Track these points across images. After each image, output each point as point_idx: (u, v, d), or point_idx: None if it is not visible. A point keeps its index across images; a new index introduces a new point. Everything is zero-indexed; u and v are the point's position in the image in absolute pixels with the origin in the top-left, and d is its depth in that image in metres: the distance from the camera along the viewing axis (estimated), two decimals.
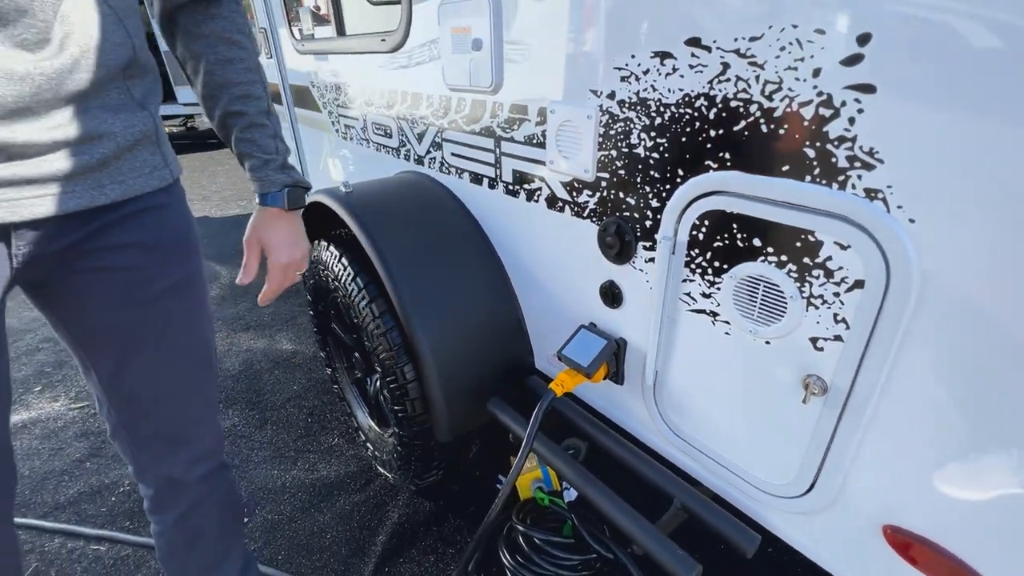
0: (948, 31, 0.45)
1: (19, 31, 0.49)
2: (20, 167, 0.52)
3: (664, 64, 0.67)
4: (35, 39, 0.51)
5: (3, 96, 0.49)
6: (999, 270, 0.47)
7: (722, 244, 0.68)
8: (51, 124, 0.54)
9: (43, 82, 0.52)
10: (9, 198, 0.52)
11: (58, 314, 0.69)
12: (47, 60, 0.52)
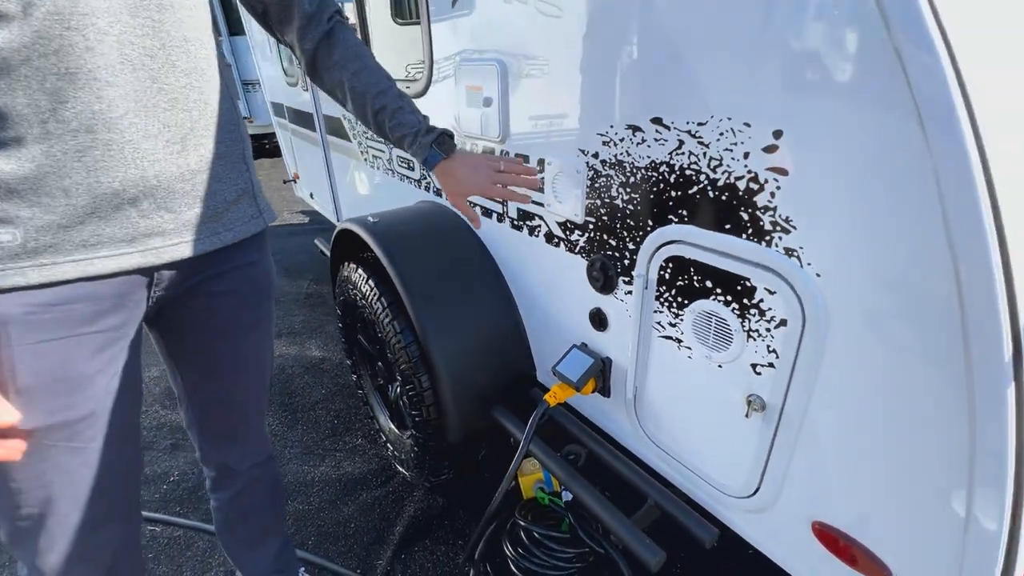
0: (840, 130, 0.59)
1: (167, 118, 0.66)
2: (164, 220, 0.68)
3: (635, 135, 0.82)
4: (186, 126, 0.68)
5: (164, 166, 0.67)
6: (883, 310, 0.60)
7: (683, 283, 0.82)
8: (188, 184, 0.70)
9: (187, 154, 0.69)
10: (155, 246, 0.68)
11: (164, 337, 0.85)
12: (190, 146, 0.69)
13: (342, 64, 0.84)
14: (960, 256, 0.52)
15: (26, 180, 0.59)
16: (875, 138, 0.56)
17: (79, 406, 0.69)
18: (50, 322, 0.64)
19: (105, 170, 0.62)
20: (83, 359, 0.68)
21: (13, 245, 0.60)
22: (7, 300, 0.61)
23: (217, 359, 0.87)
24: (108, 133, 0.61)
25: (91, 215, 0.63)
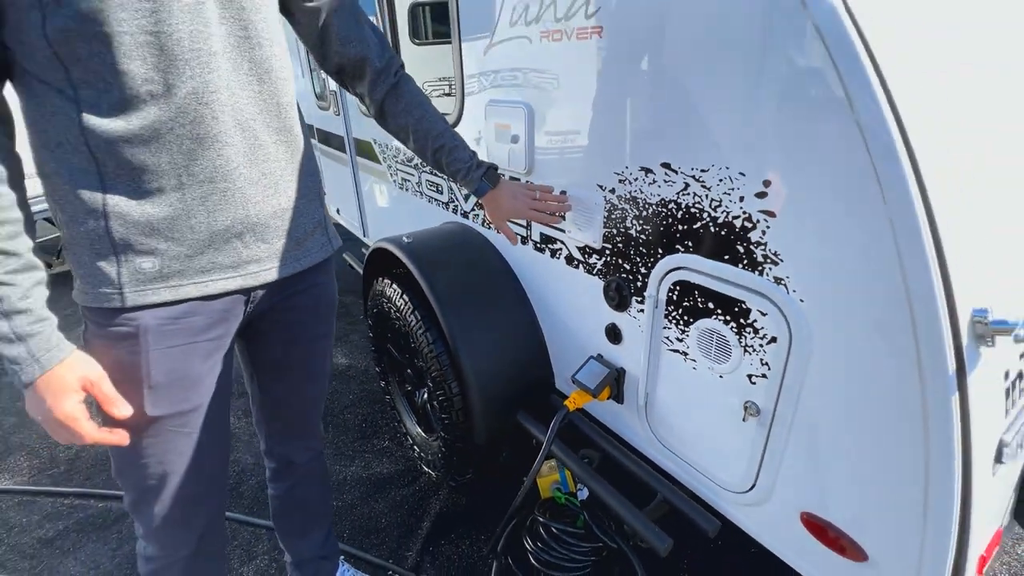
0: (816, 186, 0.72)
1: (265, 168, 0.80)
2: (260, 249, 0.83)
3: (647, 176, 0.96)
4: (277, 173, 0.82)
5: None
6: (855, 332, 0.72)
7: (689, 304, 0.95)
8: (279, 220, 0.84)
9: (279, 196, 0.83)
10: (253, 271, 0.83)
11: (248, 345, 0.99)
12: (281, 189, 0.83)
13: (407, 111, 0.99)
14: (914, 294, 0.64)
15: (164, 220, 0.73)
16: (844, 193, 0.68)
17: (192, 399, 0.83)
18: (176, 331, 0.79)
19: (221, 211, 0.77)
20: (197, 361, 0.82)
21: (153, 271, 0.75)
22: (146, 314, 0.76)
23: (291, 364, 1.01)
24: (224, 182, 0.76)
25: (208, 247, 0.78)
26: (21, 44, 0.64)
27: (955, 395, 0.65)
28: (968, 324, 0.65)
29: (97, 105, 0.67)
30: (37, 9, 0.62)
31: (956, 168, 0.69)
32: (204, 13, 0.69)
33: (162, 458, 0.84)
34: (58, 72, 0.66)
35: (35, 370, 0.67)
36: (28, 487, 1.85)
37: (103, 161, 0.70)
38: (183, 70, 0.69)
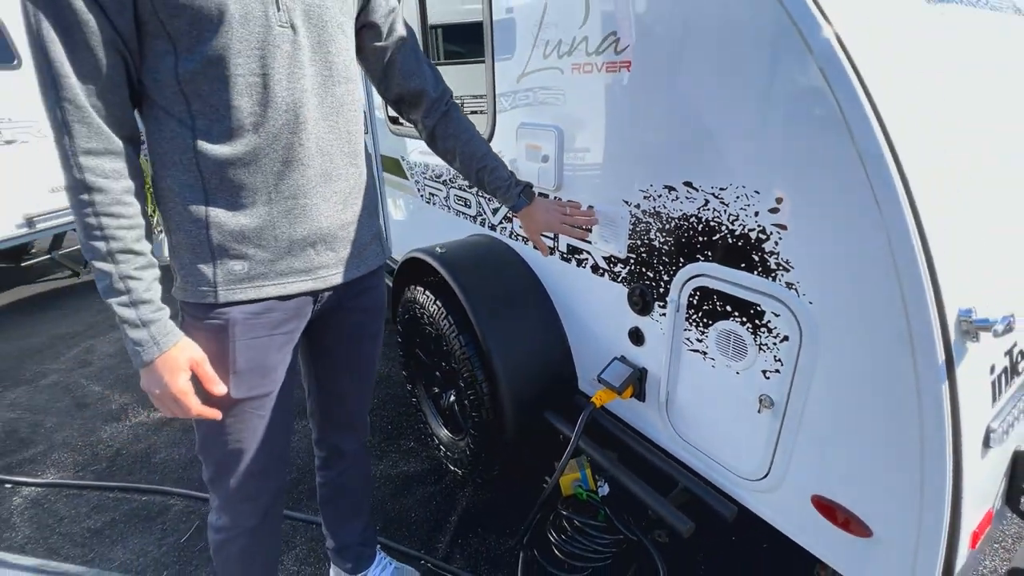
0: (822, 203, 0.83)
1: (336, 186, 0.92)
2: (328, 257, 0.95)
3: (670, 193, 1.07)
4: (346, 192, 0.95)
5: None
6: (858, 330, 0.83)
7: (708, 308, 1.06)
8: (345, 231, 0.96)
9: (346, 211, 0.96)
10: (323, 275, 0.94)
11: (310, 340, 1.09)
12: (348, 205, 0.96)
13: (455, 135, 1.12)
14: (908, 297, 0.75)
15: (254, 230, 0.85)
16: (846, 209, 0.80)
17: (267, 385, 0.95)
18: (257, 325, 0.90)
19: (300, 224, 0.89)
20: (273, 352, 0.94)
21: (242, 273, 0.86)
22: (234, 309, 0.87)
23: (346, 358, 1.12)
24: (304, 199, 0.88)
25: (287, 253, 0.89)
26: (154, 81, 0.77)
27: (944, 383, 0.75)
28: (955, 322, 0.75)
29: (209, 133, 0.79)
30: (172, 55, 0.75)
31: (943, 188, 0.80)
32: (299, 58, 0.82)
33: (239, 436, 0.95)
34: (181, 105, 0.78)
35: (154, 351, 0.78)
36: (75, 481, 1.95)
37: (208, 179, 0.82)
38: (280, 105, 0.81)
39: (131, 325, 0.77)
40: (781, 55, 0.84)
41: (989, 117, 1.03)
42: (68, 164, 0.71)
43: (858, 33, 0.80)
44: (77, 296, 3.91)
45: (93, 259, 0.75)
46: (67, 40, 0.68)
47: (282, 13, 0.79)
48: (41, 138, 3.79)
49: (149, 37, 0.74)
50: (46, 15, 0.67)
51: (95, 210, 0.73)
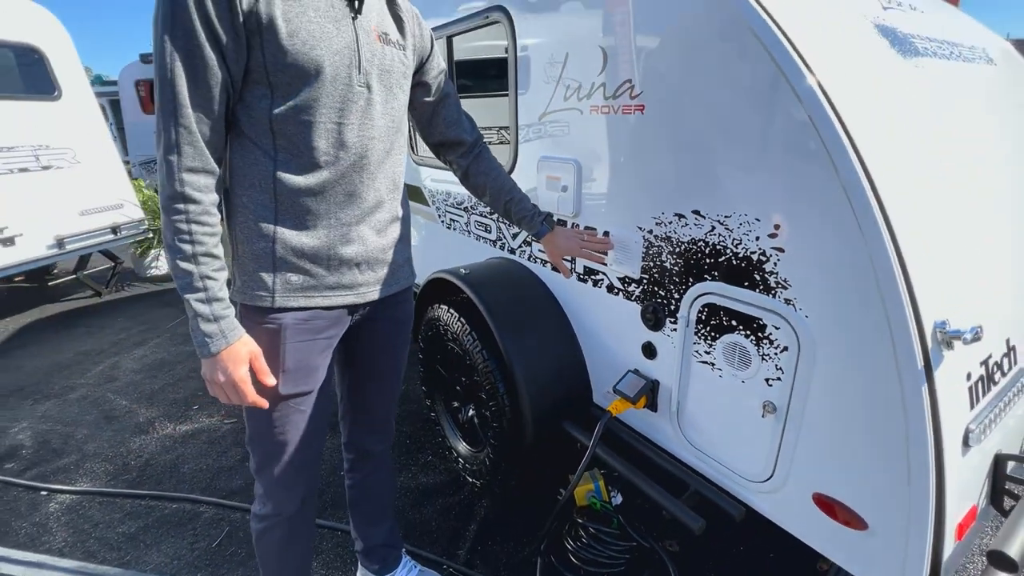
0: (812, 230, 0.96)
1: (381, 215, 1.06)
2: (368, 276, 1.07)
3: (680, 220, 1.20)
4: (387, 221, 1.08)
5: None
6: (849, 340, 0.94)
7: (715, 322, 1.18)
8: (384, 255, 1.09)
9: (386, 237, 1.09)
10: (363, 291, 1.07)
11: (345, 348, 1.20)
12: (387, 232, 1.09)
13: (486, 173, 1.27)
14: (890, 311, 0.87)
15: (312, 248, 0.98)
16: (834, 235, 0.92)
17: (309, 384, 1.06)
18: (304, 330, 1.02)
19: (350, 247, 1.02)
20: (315, 354, 1.06)
21: (297, 284, 0.99)
22: (287, 315, 1.00)
23: (378, 365, 1.24)
24: (357, 227, 1.02)
25: (336, 271, 1.02)
26: (248, 117, 0.91)
27: (924, 386, 0.86)
28: (931, 332, 0.87)
29: (288, 165, 0.93)
30: (268, 99, 0.89)
31: (918, 213, 0.93)
32: (370, 111, 0.97)
33: (283, 429, 1.07)
34: (267, 139, 0.92)
35: (222, 343, 0.90)
36: (108, 489, 2.04)
37: (281, 202, 0.95)
38: (350, 149, 0.96)
39: (204, 319, 0.88)
40: (773, 100, 0.98)
41: (958, 153, 1.16)
42: (172, 177, 0.84)
43: (838, 81, 0.94)
44: (101, 315, 4.04)
45: (179, 259, 0.86)
46: (191, 77, 0.83)
47: (362, 76, 0.94)
48: (75, 164, 4.00)
49: (252, 83, 0.89)
50: (179, 54, 0.81)
51: (188, 217, 0.86)
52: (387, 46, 1.02)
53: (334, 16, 0.92)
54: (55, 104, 3.94)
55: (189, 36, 0.81)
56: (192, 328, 0.89)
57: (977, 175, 1.20)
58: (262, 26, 0.85)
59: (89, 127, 4.16)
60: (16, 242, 3.55)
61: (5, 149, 3.55)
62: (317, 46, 0.89)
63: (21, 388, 2.91)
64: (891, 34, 1.25)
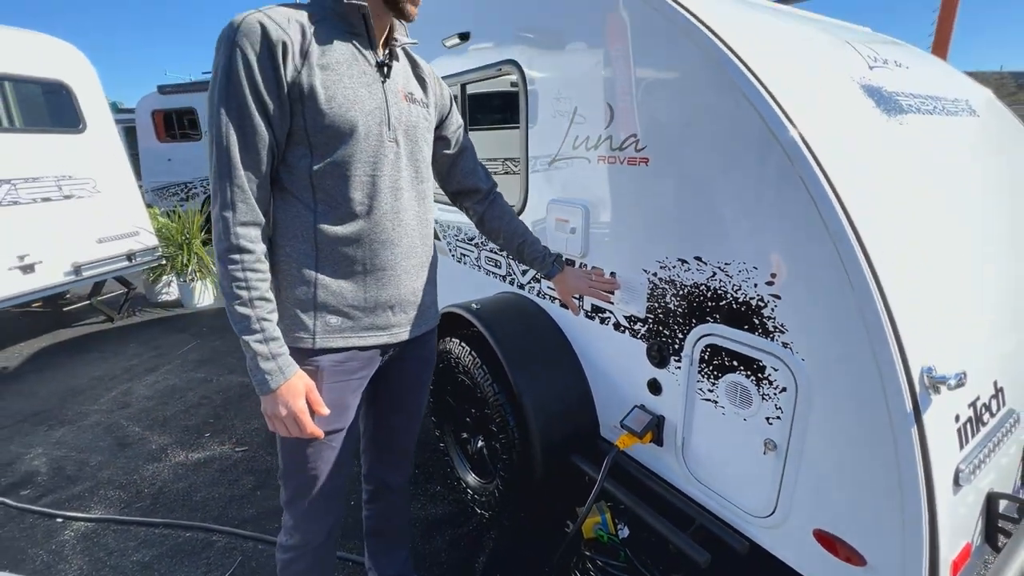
0: (806, 280, 1.03)
1: (413, 261, 1.14)
2: (400, 317, 1.15)
3: (682, 265, 1.28)
4: (419, 265, 1.16)
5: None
6: (843, 382, 1.01)
7: (718, 362, 1.24)
8: (415, 297, 1.16)
9: (417, 280, 1.17)
10: (395, 332, 1.14)
11: (373, 385, 1.25)
12: (419, 276, 1.17)
13: (500, 218, 1.36)
14: (879, 357, 0.93)
15: (350, 292, 1.06)
16: (826, 286, 1.00)
17: (342, 421, 1.12)
18: (340, 371, 1.09)
19: (385, 290, 1.10)
20: (348, 394, 1.12)
21: (336, 325, 1.06)
22: (324, 357, 1.07)
23: (400, 401, 1.30)
24: (391, 271, 1.09)
25: (371, 313, 1.10)
26: (290, 174, 1.00)
27: (914, 428, 0.92)
28: (919, 377, 0.94)
29: (327, 216, 1.02)
30: (308, 157, 0.99)
31: (903, 263, 1.00)
32: (399, 163, 1.06)
33: (315, 465, 1.12)
34: (308, 193, 1.01)
35: (280, 379, 0.96)
36: (122, 517, 2.07)
37: (321, 251, 1.03)
38: (384, 199, 1.05)
39: (264, 358, 0.95)
40: (765, 161, 1.07)
41: (941, 203, 1.25)
42: (228, 231, 0.93)
43: (826, 141, 1.03)
44: (113, 341, 4.11)
45: (236, 304, 0.94)
46: (243, 144, 0.92)
47: (391, 131, 1.04)
48: (95, 194, 4.13)
49: (294, 144, 0.98)
50: (233, 124, 0.91)
51: (243, 266, 0.94)
52: (412, 104, 1.12)
53: (366, 81, 1.02)
54: (79, 136, 4.10)
55: (242, 108, 0.91)
56: (251, 368, 0.96)
57: (961, 224, 1.28)
58: (304, 94, 0.95)
59: (110, 158, 4.31)
60: (36, 269, 3.65)
61: (30, 180, 3.69)
62: (352, 108, 0.99)
63: (36, 413, 2.96)
64: (876, 94, 1.35)
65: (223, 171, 0.92)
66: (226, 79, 0.90)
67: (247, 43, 0.90)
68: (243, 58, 0.90)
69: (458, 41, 2.01)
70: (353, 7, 0.99)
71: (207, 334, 4.17)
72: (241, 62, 0.90)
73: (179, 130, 8.04)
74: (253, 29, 0.90)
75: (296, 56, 0.93)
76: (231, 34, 0.90)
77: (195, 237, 4.86)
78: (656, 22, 1.26)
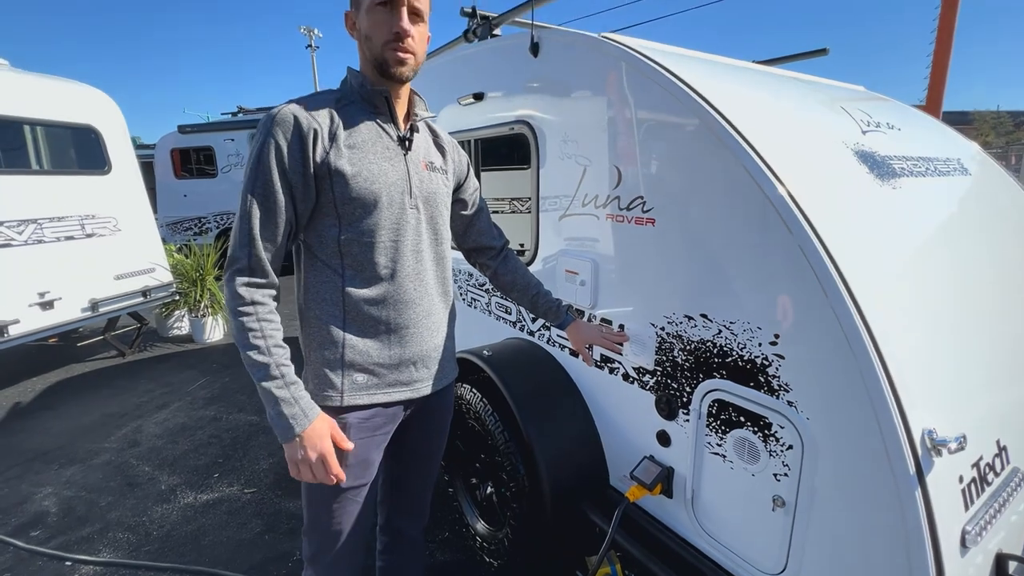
0: (808, 342, 1.08)
1: (433, 319, 1.20)
2: (423, 373, 1.20)
3: (689, 321, 1.33)
4: (440, 322, 1.22)
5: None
6: (849, 442, 1.04)
7: (725, 417, 1.28)
8: (436, 352, 1.22)
9: (438, 337, 1.22)
10: (418, 387, 1.19)
11: (394, 438, 1.29)
12: (439, 332, 1.22)
13: (513, 272, 1.44)
14: (881, 420, 0.97)
15: (376, 350, 1.12)
16: (828, 350, 1.05)
17: (366, 476, 1.16)
18: (365, 427, 1.13)
19: (408, 347, 1.15)
20: (373, 450, 1.16)
21: (362, 384, 1.11)
22: (351, 415, 1.11)
23: (418, 452, 1.34)
24: (414, 328, 1.15)
25: (395, 369, 1.15)
26: (319, 242, 1.08)
27: (918, 490, 0.95)
28: (920, 439, 0.97)
29: (354, 280, 1.09)
30: (336, 227, 1.06)
31: (905, 330, 1.05)
32: (420, 228, 1.14)
33: (340, 519, 1.15)
34: (336, 260, 1.08)
35: (304, 423, 1.00)
36: (131, 561, 2.07)
37: (348, 312, 1.10)
38: (406, 261, 1.12)
39: (286, 403, 0.99)
40: (764, 228, 1.13)
41: (937, 264, 1.31)
42: (243, 289, 1.00)
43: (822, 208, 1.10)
44: (124, 376, 4.16)
45: (253, 354, 0.99)
46: (265, 218, 1.01)
47: (412, 199, 1.12)
48: (116, 232, 4.27)
49: (323, 215, 1.06)
50: (258, 199, 1.00)
51: (257, 317, 1.00)
52: (433, 172, 1.20)
53: (389, 156, 1.11)
54: (105, 178, 4.27)
55: (267, 186, 1.00)
56: (273, 416, 1.00)
57: (957, 285, 1.33)
58: (331, 172, 1.03)
59: (132, 197, 4.47)
60: (55, 305, 3.74)
61: (56, 219, 3.83)
62: (376, 182, 1.07)
63: (47, 452, 2.98)
64: (870, 159, 1.43)
65: (243, 239, 1.00)
66: (257, 161, 1.00)
67: (279, 132, 1.00)
68: (275, 145, 0.99)
69: (472, 101, 2.13)
70: (376, 91, 1.09)
71: (217, 371, 4.21)
72: (273, 148, 0.99)
73: (196, 166, 8.31)
74: (287, 120, 1.00)
75: (325, 140, 1.03)
76: (268, 123, 1.00)
77: (208, 273, 4.97)
78: (655, 92, 1.36)
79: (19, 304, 3.52)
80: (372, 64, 1.08)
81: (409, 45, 1.05)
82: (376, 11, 1.03)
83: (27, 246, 3.62)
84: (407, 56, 1.06)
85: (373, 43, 1.05)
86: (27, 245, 3.62)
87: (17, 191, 3.64)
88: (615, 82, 1.48)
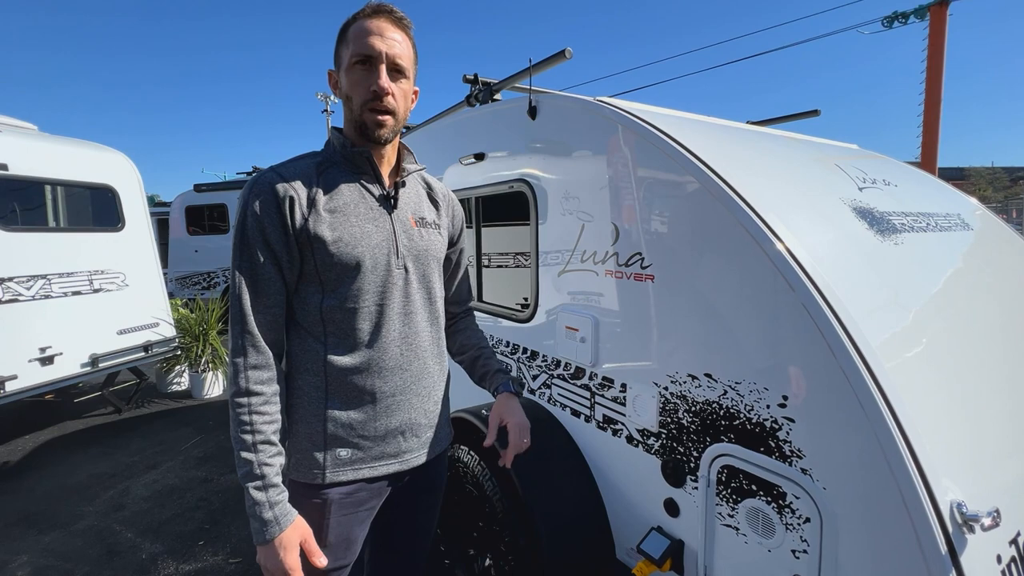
0: (821, 408, 1.02)
1: (423, 386, 1.14)
2: (412, 443, 1.13)
3: (694, 381, 1.28)
4: (431, 386, 1.16)
5: None
6: (871, 516, 0.96)
7: (736, 485, 1.19)
8: (426, 419, 1.15)
9: (428, 403, 1.16)
10: (407, 458, 1.12)
11: (380, 512, 1.20)
12: (429, 399, 1.17)
13: (465, 330, 1.38)
14: (905, 494, 0.90)
15: (360, 423, 1.06)
16: (842, 413, 0.99)
17: (349, 556, 1.07)
18: (348, 503, 1.06)
19: (395, 416, 1.09)
20: (356, 527, 1.08)
21: (346, 458, 1.05)
22: (333, 491, 1.04)
23: (406, 530, 1.24)
24: (401, 396, 1.10)
25: (382, 441, 1.09)
26: (303, 310, 1.05)
27: (952, 573, 0.86)
28: (949, 514, 0.89)
29: (337, 348, 1.05)
30: (319, 294, 1.04)
31: (920, 394, 0.99)
32: (408, 290, 1.11)
33: None
34: (319, 328, 1.05)
35: (276, 530, 0.93)
36: None
37: (331, 383, 1.05)
38: (392, 325, 1.08)
39: (261, 506, 0.93)
40: (770, 289, 1.11)
41: (946, 321, 1.26)
42: (238, 375, 0.96)
43: (826, 266, 1.08)
44: (118, 433, 4.06)
45: (240, 450, 0.94)
46: (254, 292, 0.98)
47: (399, 260, 1.09)
48: (123, 287, 4.31)
49: (306, 282, 1.04)
50: (244, 273, 0.98)
51: (250, 409, 0.95)
52: (424, 228, 1.17)
53: (372, 216, 1.08)
54: (118, 235, 4.37)
55: (252, 258, 0.99)
56: (250, 514, 0.94)
57: (972, 344, 1.28)
58: (311, 238, 1.01)
59: (141, 252, 4.55)
60: (55, 361, 3.71)
61: (65, 275, 3.88)
62: (358, 245, 1.04)
63: (28, 515, 2.85)
64: (868, 215, 1.43)
65: (235, 317, 0.98)
66: (240, 234, 1.00)
67: (257, 202, 0.99)
68: (253, 215, 0.99)
69: (474, 160, 2.18)
70: (357, 152, 1.08)
71: (212, 428, 4.10)
72: (252, 218, 0.99)
73: (209, 222, 8.54)
74: (263, 189, 1.00)
75: (303, 206, 1.01)
76: (246, 193, 1.00)
77: (212, 328, 4.96)
78: (650, 152, 1.38)
79: (19, 359, 3.50)
80: (354, 125, 1.06)
81: (388, 103, 1.03)
82: (355, 70, 1.01)
83: (34, 301, 3.64)
84: (385, 118, 1.04)
85: (353, 103, 1.04)
86: (34, 300, 3.64)
87: (31, 248, 3.72)
88: (610, 143, 1.51)
